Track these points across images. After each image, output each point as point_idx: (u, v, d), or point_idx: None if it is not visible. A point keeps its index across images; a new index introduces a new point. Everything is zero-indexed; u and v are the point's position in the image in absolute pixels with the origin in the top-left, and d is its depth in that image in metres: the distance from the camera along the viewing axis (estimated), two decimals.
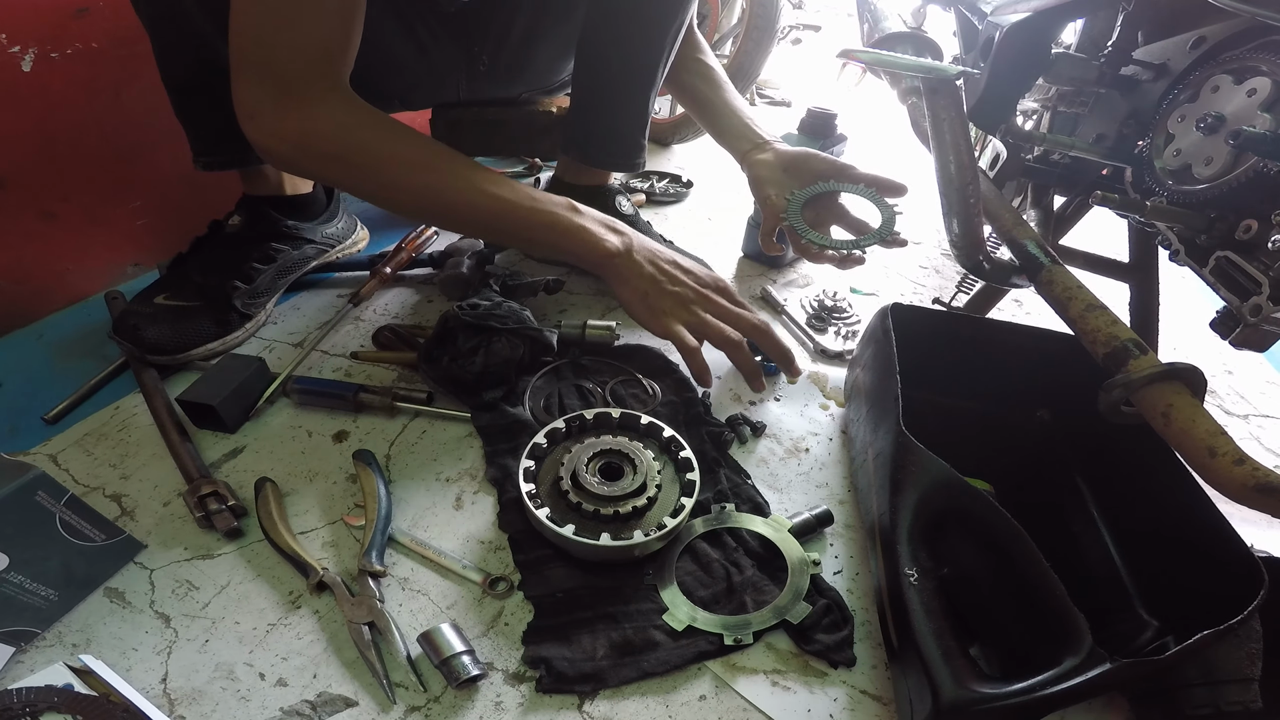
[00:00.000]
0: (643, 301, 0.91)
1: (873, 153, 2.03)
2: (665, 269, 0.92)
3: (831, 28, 2.80)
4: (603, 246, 0.89)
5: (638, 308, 0.91)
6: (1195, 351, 1.31)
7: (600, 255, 0.90)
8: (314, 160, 0.83)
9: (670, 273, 0.92)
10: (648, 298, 0.91)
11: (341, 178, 0.88)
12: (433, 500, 0.85)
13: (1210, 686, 0.60)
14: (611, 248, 0.90)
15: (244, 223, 1.06)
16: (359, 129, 0.82)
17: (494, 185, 0.87)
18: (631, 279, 0.91)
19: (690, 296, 0.92)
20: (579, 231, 0.89)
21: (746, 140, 1.13)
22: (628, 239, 0.92)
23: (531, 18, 1.11)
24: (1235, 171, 0.66)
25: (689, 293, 0.92)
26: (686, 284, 0.92)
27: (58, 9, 1.00)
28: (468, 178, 0.87)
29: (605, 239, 0.90)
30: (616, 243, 0.90)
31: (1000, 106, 0.92)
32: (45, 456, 0.86)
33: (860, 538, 0.84)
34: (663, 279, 0.91)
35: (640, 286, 0.91)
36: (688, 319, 0.91)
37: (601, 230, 0.91)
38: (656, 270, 0.92)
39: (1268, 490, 0.56)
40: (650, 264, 0.92)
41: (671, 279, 0.92)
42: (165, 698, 0.64)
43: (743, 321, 0.92)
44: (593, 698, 0.67)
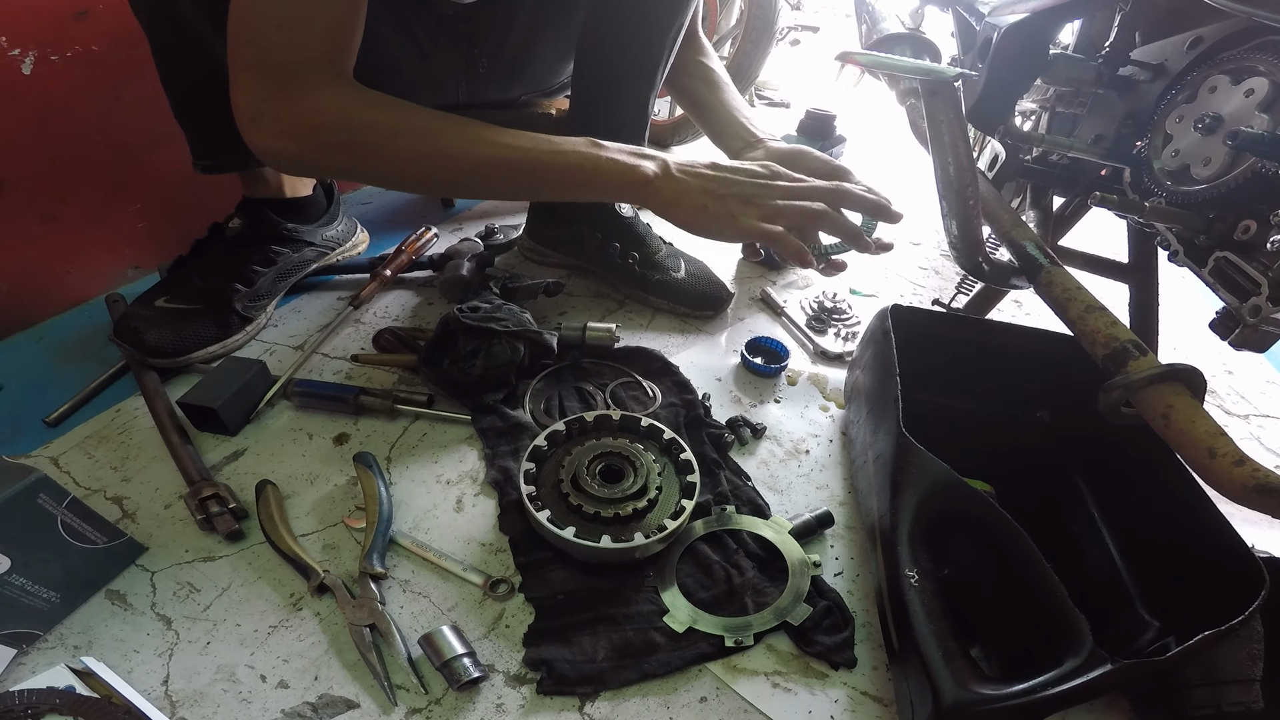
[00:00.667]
0: (704, 214, 0.86)
1: (872, 154, 2.03)
2: (713, 175, 0.88)
3: (830, 28, 2.80)
4: (639, 173, 0.85)
5: (703, 223, 0.87)
6: (1195, 351, 1.31)
7: (640, 184, 0.85)
8: (323, 151, 0.80)
9: (720, 177, 0.88)
10: (707, 210, 0.86)
11: (353, 163, 0.84)
12: (433, 502, 0.85)
13: (1212, 687, 0.60)
14: (649, 172, 0.85)
15: (244, 225, 1.06)
16: (362, 109, 0.79)
17: (510, 137, 0.83)
18: (683, 198, 0.86)
19: (750, 190, 0.87)
20: (609, 165, 0.85)
21: (740, 139, 1.10)
22: (662, 160, 0.87)
23: (531, 20, 1.11)
24: (1233, 172, 0.67)
25: (746, 188, 0.87)
26: (740, 181, 0.87)
27: (58, 12, 0.99)
28: (481, 135, 0.83)
29: (640, 165, 0.85)
30: (653, 166, 0.86)
31: (998, 107, 0.93)
32: (46, 459, 0.86)
33: (861, 539, 0.85)
34: (714, 185, 0.87)
35: (696, 201, 0.86)
36: (759, 212, 0.86)
37: (633, 159, 0.86)
38: (704, 180, 0.87)
39: (1268, 491, 0.56)
40: (696, 176, 0.87)
41: (723, 182, 0.87)
42: (167, 699, 0.64)
43: (816, 192, 0.88)
44: (593, 699, 0.67)
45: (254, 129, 0.77)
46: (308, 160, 0.83)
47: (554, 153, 0.84)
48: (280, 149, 0.78)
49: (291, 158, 0.80)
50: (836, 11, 3.24)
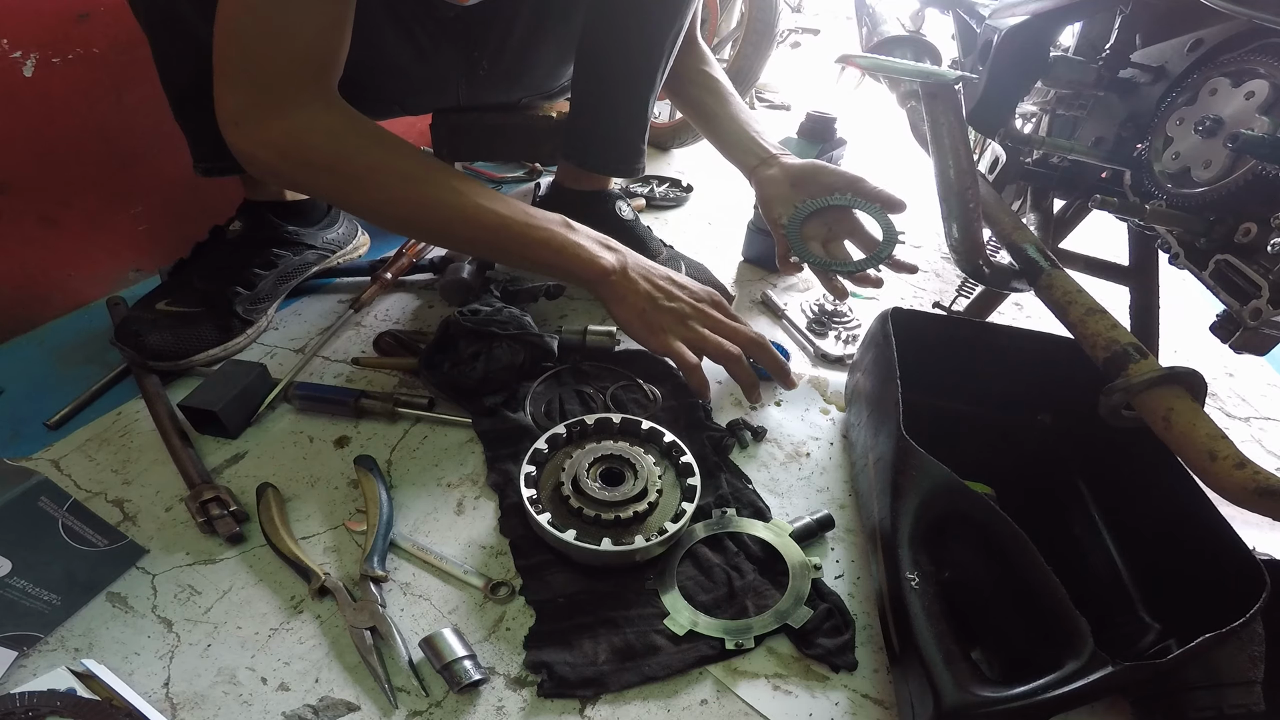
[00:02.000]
0: (640, 319, 0.91)
1: (872, 156, 2.03)
2: (661, 285, 0.92)
3: (830, 31, 2.80)
4: (598, 265, 0.89)
5: (635, 325, 0.91)
6: (1196, 354, 1.31)
7: (596, 274, 0.89)
8: (300, 170, 0.81)
9: (666, 289, 0.92)
10: (644, 315, 0.90)
11: (328, 188, 0.86)
12: (434, 505, 0.85)
13: (1213, 689, 0.60)
14: (607, 265, 0.89)
15: (245, 228, 1.07)
16: (350, 137, 0.81)
17: (489, 200, 0.86)
18: (628, 297, 0.90)
19: (687, 312, 0.92)
20: (573, 248, 0.89)
21: (753, 155, 1.12)
22: (623, 256, 0.92)
23: (531, 22, 1.11)
24: (1234, 174, 0.67)
25: (685, 308, 0.92)
26: (683, 299, 0.93)
27: (59, 14, 1.00)
28: (462, 192, 0.85)
29: (601, 257, 0.89)
30: (612, 260, 0.90)
31: (999, 110, 0.93)
32: (47, 462, 0.86)
33: (861, 542, 0.84)
34: (659, 295, 0.91)
35: (637, 304, 0.90)
36: (686, 335, 0.91)
37: (596, 248, 0.90)
38: (652, 287, 0.91)
39: (1268, 493, 0.56)
40: (646, 280, 0.91)
41: (668, 295, 0.92)
42: (167, 702, 0.64)
43: (739, 335, 0.93)
44: (594, 702, 0.67)
45: (235, 132, 0.78)
46: (285, 175, 0.84)
47: (527, 225, 0.87)
48: (261, 158, 0.79)
49: (269, 168, 0.81)
50: (837, 14, 3.25)
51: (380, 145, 0.82)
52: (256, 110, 0.77)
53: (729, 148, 1.17)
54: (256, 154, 0.79)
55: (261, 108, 0.77)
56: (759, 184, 1.12)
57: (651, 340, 0.91)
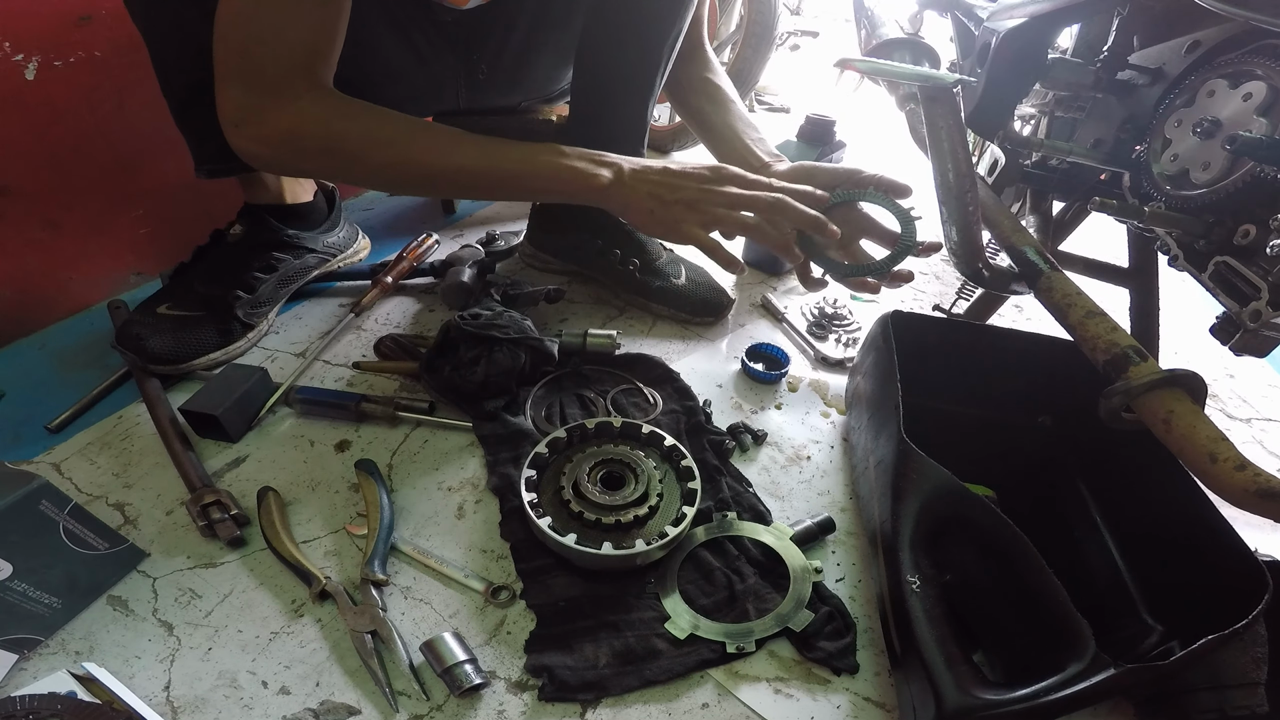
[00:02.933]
0: (651, 218, 0.91)
1: (872, 159, 2.03)
2: (663, 180, 0.92)
3: (829, 33, 2.80)
4: (596, 181, 0.90)
5: (649, 225, 0.92)
6: (1197, 356, 1.31)
7: (595, 190, 0.90)
8: (302, 157, 0.85)
9: (668, 182, 0.92)
10: (654, 214, 0.91)
11: (332, 169, 0.91)
12: (435, 509, 0.85)
13: (1215, 691, 0.60)
14: (605, 180, 0.90)
15: (245, 232, 1.07)
16: (340, 118, 0.84)
17: (480, 145, 0.88)
18: (633, 202, 0.91)
19: (695, 196, 0.91)
20: (568, 172, 0.90)
21: (746, 165, 1.10)
22: (617, 166, 0.92)
23: (529, 27, 1.11)
24: (1232, 176, 0.67)
25: (692, 193, 0.91)
26: (687, 186, 0.92)
27: (60, 17, 1.00)
28: (454, 143, 0.88)
29: (596, 173, 0.90)
30: (608, 174, 0.91)
31: (998, 112, 0.93)
32: (48, 465, 0.86)
33: (862, 545, 0.84)
34: (662, 191, 0.91)
35: (645, 206, 0.91)
36: (700, 219, 0.90)
37: (590, 165, 0.91)
38: (654, 185, 0.91)
39: (1269, 495, 0.56)
40: (646, 181, 0.91)
41: (671, 187, 0.91)
42: (168, 705, 0.64)
43: (758, 202, 0.91)
44: (595, 706, 0.67)
45: (236, 133, 0.82)
46: (288, 165, 0.92)
47: (517, 159, 0.90)
48: (260, 153, 0.84)
49: (270, 161, 0.87)
50: (836, 16, 3.25)
51: (368, 118, 0.85)
52: (254, 110, 0.80)
53: (724, 158, 1.16)
54: (259, 151, 0.83)
55: (258, 107, 0.80)
56: None
57: (669, 235, 0.91)
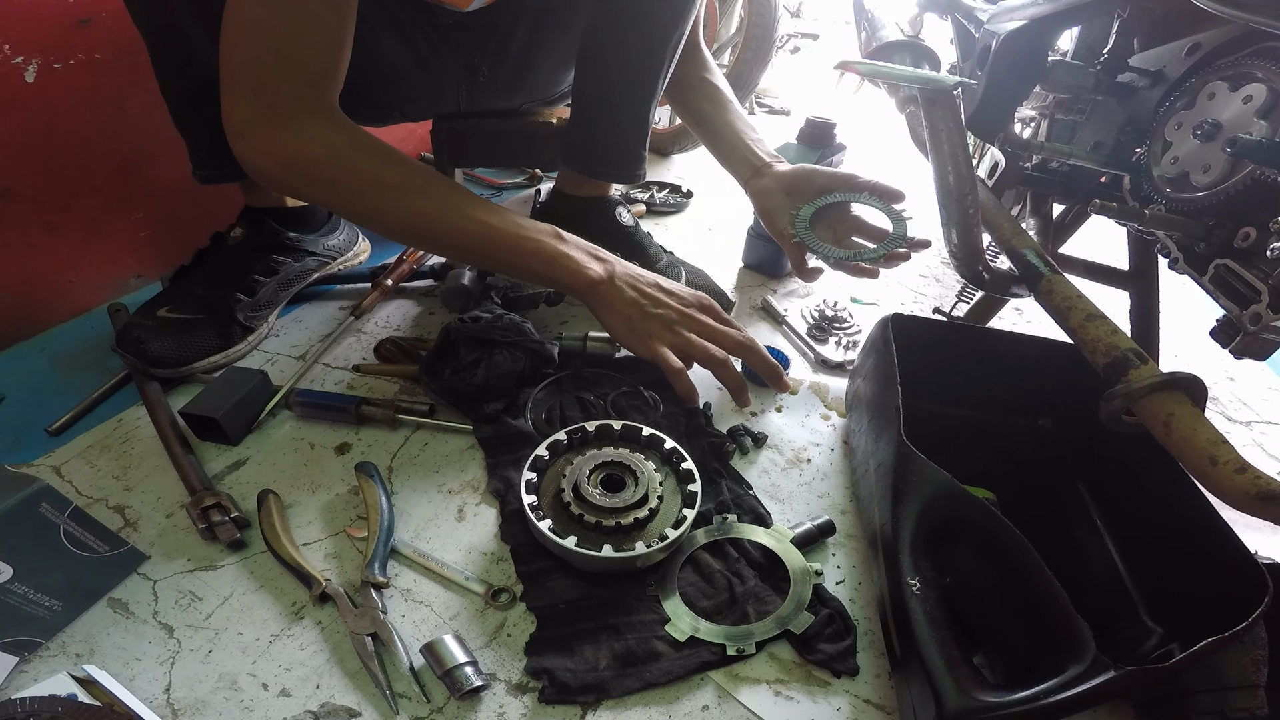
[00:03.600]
0: (627, 326, 0.91)
1: (872, 161, 2.04)
2: (648, 292, 0.93)
3: (829, 36, 2.80)
4: (586, 275, 0.90)
5: (623, 333, 0.92)
6: (1197, 358, 1.31)
7: (584, 283, 0.90)
8: (303, 182, 0.84)
9: (653, 295, 0.93)
10: (632, 322, 0.91)
11: (329, 199, 0.90)
12: (435, 512, 0.85)
13: (1216, 693, 0.60)
14: (595, 275, 0.90)
15: (246, 235, 1.07)
16: (349, 152, 0.83)
17: (481, 211, 0.88)
18: (616, 305, 0.91)
19: (674, 318, 0.92)
20: (562, 259, 0.90)
21: (747, 165, 1.13)
22: (610, 266, 0.92)
23: (531, 29, 1.12)
24: (1232, 179, 0.67)
25: (672, 314, 0.92)
26: (670, 305, 0.93)
27: (60, 20, 1.00)
28: (456, 204, 0.87)
29: (588, 267, 0.90)
30: (599, 270, 0.91)
31: (998, 114, 0.93)
32: (49, 468, 0.86)
33: (862, 547, 0.84)
34: (646, 302, 0.92)
35: (625, 312, 0.91)
36: (673, 340, 0.91)
37: (584, 258, 0.91)
38: (639, 294, 0.92)
39: (1269, 498, 0.56)
40: (633, 288, 0.92)
41: (655, 302, 0.92)
42: (169, 708, 0.64)
43: (728, 339, 0.93)
44: (596, 708, 0.67)
45: (241, 144, 0.81)
46: (288, 186, 0.89)
47: (518, 236, 0.89)
48: (265, 169, 0.82)
49: (273, 179, 0.84)
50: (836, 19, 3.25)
51: (378, 159, 0.84)
52: (262, 122, 0.79)
53: (724, 157, 1.18)
54: (262, 165, 0.82)
55: (266, 120, 0.79)
56: (754, 197, 1.13)
57: (638, 346, 0.91)
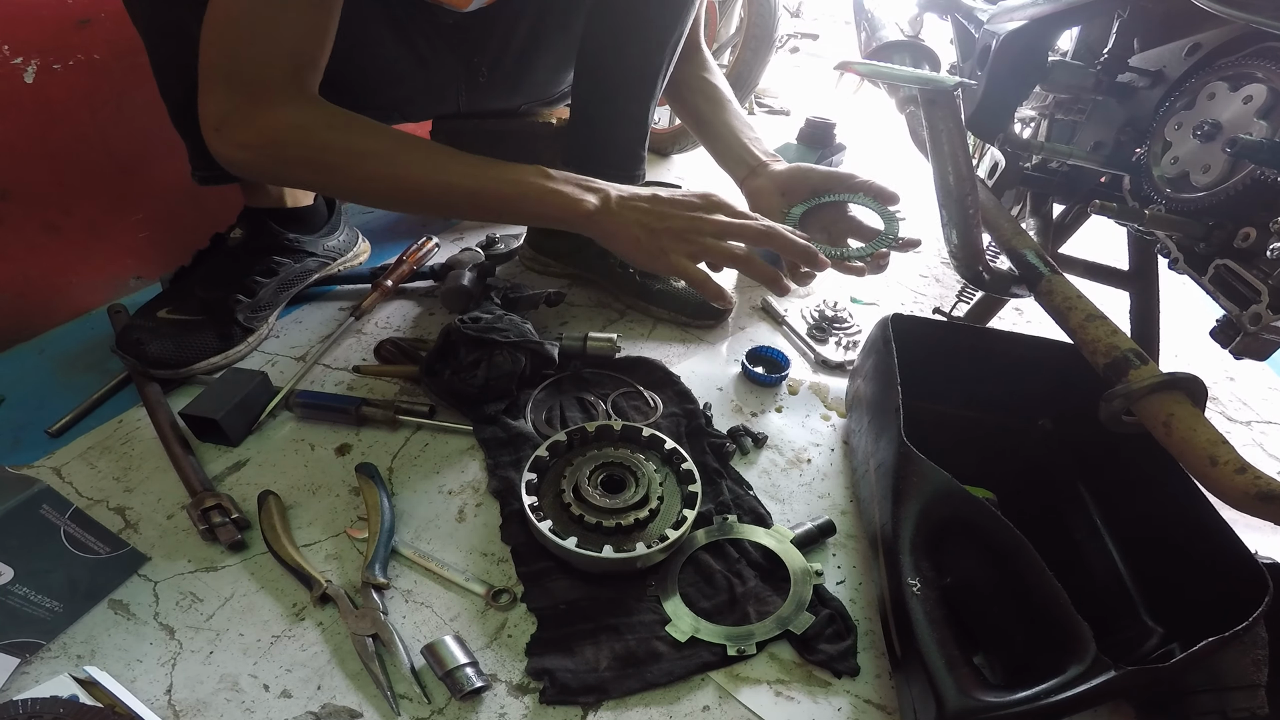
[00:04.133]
0: (638, 248, 0.88)
1: (872, 162, 2.04)
2: (650, 209, 0.90)
3: (829, 36, 2.81)
4: (581, 207, 0.87)
5: (635, 256, 0.89)
6: (1197, 358, 1.31)
7: (581, 216, 0.88)
8: (280, 165, 0.83)
9: (657, 210, 0.90)
10: (640, 243, 0.88)
11: (311, 179, 0.88)
12: (435, 513, 0.85)
13: (1216, 693, 0.60)
14: (590, 205, 0.88)
15: (245, 236, 1.07)
16: (322, 129, 0.82)
17: (465, 164, 0.86)
18: (620, 231, 0.88)
19: (683, 225, 0.89)
20: (553, 195, 0.87)
21: (743, 165, 1.12)
22: (604, 193, 0.90)
23: (531, 29, 1.12)
24: (1232, 179, 0.67)
25: (681, 222, 0.89)
26: (675, 215, 0.89)
27: (60, 20, 1.00)
28: (437, 160, 0.86)
29: (582, 199, 0.88)
30: (594, 200, 0.88)
31: (998, 115, 0.93)
32: (49, 470, 0.86)
33: (863, 548, 0.85)
34: (650, 219, 0.89)
35: (632, 234, 0.88)
36: (688, 249, 0.88)
37: (576, 190, 0.89)
38: (642, 213, 0.89)
39: (1269, 498, 0.56)
40: (633, 210, 0.89)
41: (659, 216, 0.89)
42: (170, 709, 0.64)
43: (746, 231, 0.89)
44: (596, 709, 0.67)
45: (216, 138, 0.80)
46: (267, 171, 0.87)
47: (503, 180, 0.87)
48: (240, 158, 0.81)
49: (251, 167, 0.83)
50: (835, 19, 3.25)
51: (353, 130, 0.83)
52: (237, 114, 0.78)
53: (721, 156, 1.17)
54: (237, 156, 0.81)
55: (241, 111, 0.78)
56: (749, 196, 1.12)
57: (655, 264, 0.89)
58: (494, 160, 0.88)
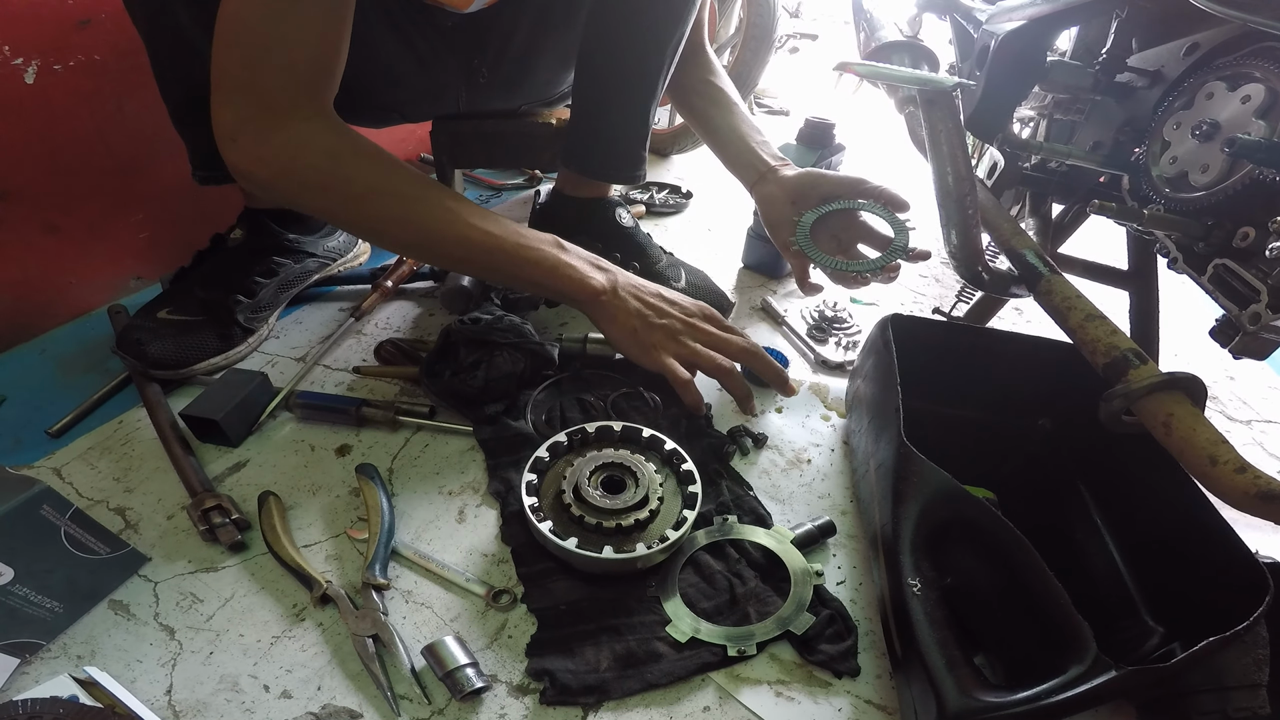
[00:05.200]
0: (632, 337, 0.90)
1: (871, 162, 2.04)
2: (651, 303, 0.92)
3: (829, 36, 2.81)
4: (589, 285, 0.89)
5: (627, 344, 0.91)
6: (1197, 358, 1.31)
7: (587, 294, 0.89)
8: (296, 188, 0.81)
9: (657, 306, 0.92)
10: (636, 334, 0.90)
11: (323, 207, 0.85)
12: (435, 514, 0.85)
13: (1217, 693, 0.60)
14: (598, 285, 0.89)
15: (246, 236, 1.07)
16: (347, 158, 0.81)
17: (481, 220, 0.86)
18: (619, 316, 0.90)
19: (678, 328, 0.92)
20: (564, 269, 0.89)
21: (752, 170, 1.12)
22: (613, 276, 0.92)
23: (531, 30, 1.12)
24: (1231, 179, 0.67)
25: (676, 324, 0.92)
26: (674, 315, 0.93)
27: (60, 21, 1.00)
28: (455, 212, 0.86)
29: (591, 277, 0.90)
30: (602, 280, 0.90)
31: (997, 115, 0.93)
32: (49, 470, 0.86)
33: (863, 548, 0.85)
34: (649, 313, 0.91)
35: (628, 323, 0.90)
36: (678, 350, 0.91)
37: (587, 268, 0.90)
38: (643, 305, 0.92)
39: (1269, 498, 0.56)
40: (636, 299, 0.92)
41: (659, 312, 0.92)
42: (170, 709, 0.64)
43: (732, 346, 0.92)
44: (597, 709, 0.67)
45: (232, 148, 0.78)
46: (281, 192, 0.83)
47: (519, 245, 0.88)
48: (256, 174, 0.79)
49: (264, 185, 0.81)
50: (835, 19, 3.26)
51: (376, 166, 0.82)
52: (253, 125, 0.77)
53: (730, 161, 1.17)
54: (254, 171, 0.79)
55: (259, 123, 0.77)
56: (760, 203, 1.12)
57: (644, 358, 0.91)
58: (511, 222, 0.89)
